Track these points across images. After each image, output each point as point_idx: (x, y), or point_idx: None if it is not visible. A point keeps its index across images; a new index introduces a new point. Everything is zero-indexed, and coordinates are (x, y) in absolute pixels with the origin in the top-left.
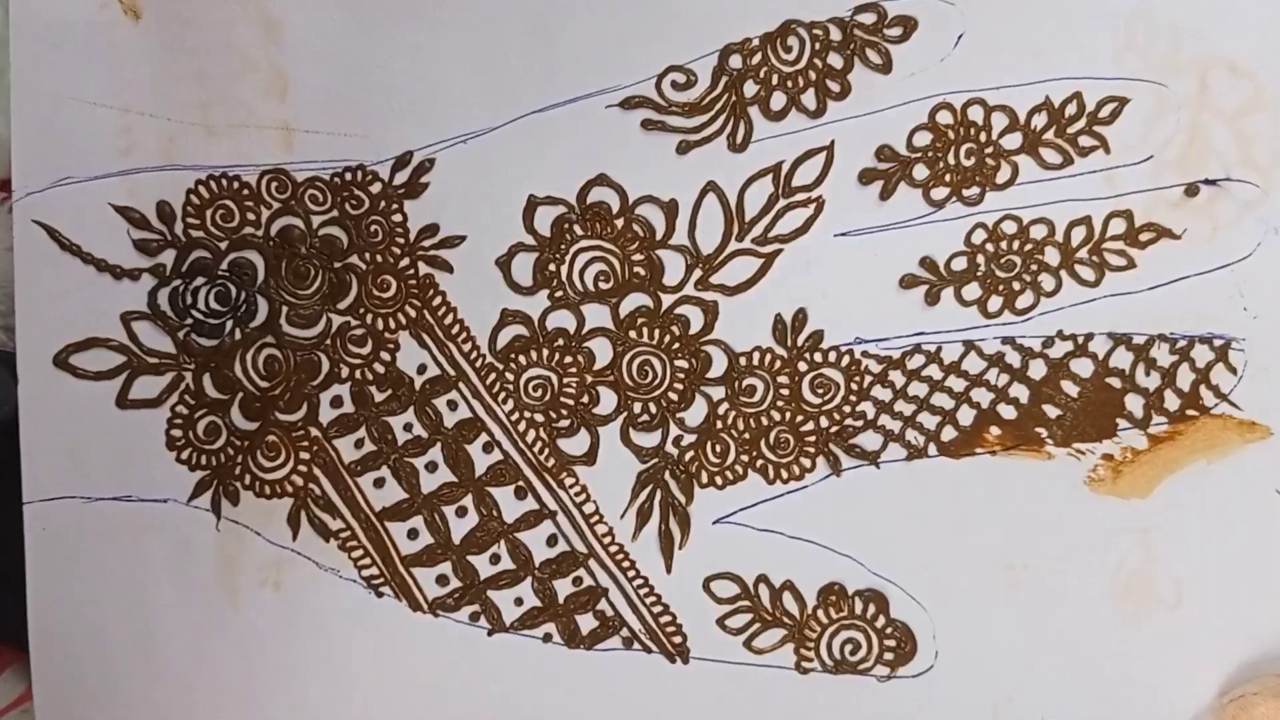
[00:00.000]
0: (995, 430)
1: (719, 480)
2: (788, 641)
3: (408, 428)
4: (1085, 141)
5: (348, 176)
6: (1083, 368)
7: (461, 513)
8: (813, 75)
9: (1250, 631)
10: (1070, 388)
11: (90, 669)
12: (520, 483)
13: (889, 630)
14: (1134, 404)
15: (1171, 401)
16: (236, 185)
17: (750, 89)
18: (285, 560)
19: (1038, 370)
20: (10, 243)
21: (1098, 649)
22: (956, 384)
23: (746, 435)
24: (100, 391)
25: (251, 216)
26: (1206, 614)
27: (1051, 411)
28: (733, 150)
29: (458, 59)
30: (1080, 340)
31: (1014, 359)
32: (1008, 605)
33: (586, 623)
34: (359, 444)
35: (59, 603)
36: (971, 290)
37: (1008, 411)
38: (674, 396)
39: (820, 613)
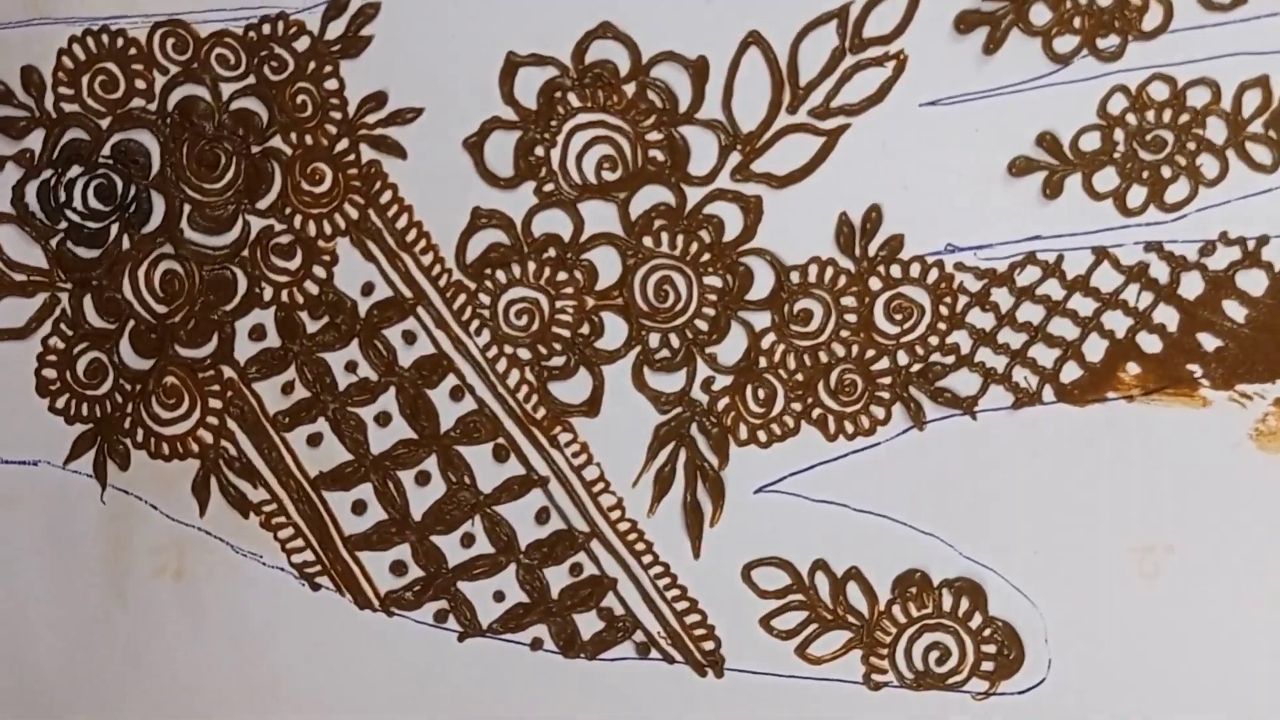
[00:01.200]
0: (1134, 368)
1: (762, 435)
2: (854, 647)
3: (350, 367)
4: None
5: (266, 29)
6: (1253, 283)
7: (423, 479)
8: None
9: None
10: (1235, 310)
11: None
12: (500, 440)
13: (987, 632)
14: None
15: None
16: (121, 43)
17: None
18: (190, 541)
19: (1192, 287)
20: None
21: (1266, 658)
22: (1084, 306)
23: (799, 376)
24: None
25: (141, 85)
26: None
27: (1209, 343)
28: None
29: None
30: (1251, 246)
31: (1161, 272)
32: (1143, 599)
33: (588, 624)
34: (287, 388)
35: None
36: (1105, 179)
37: (1151, 343)
38: (702, 325)
39: (896, 609)
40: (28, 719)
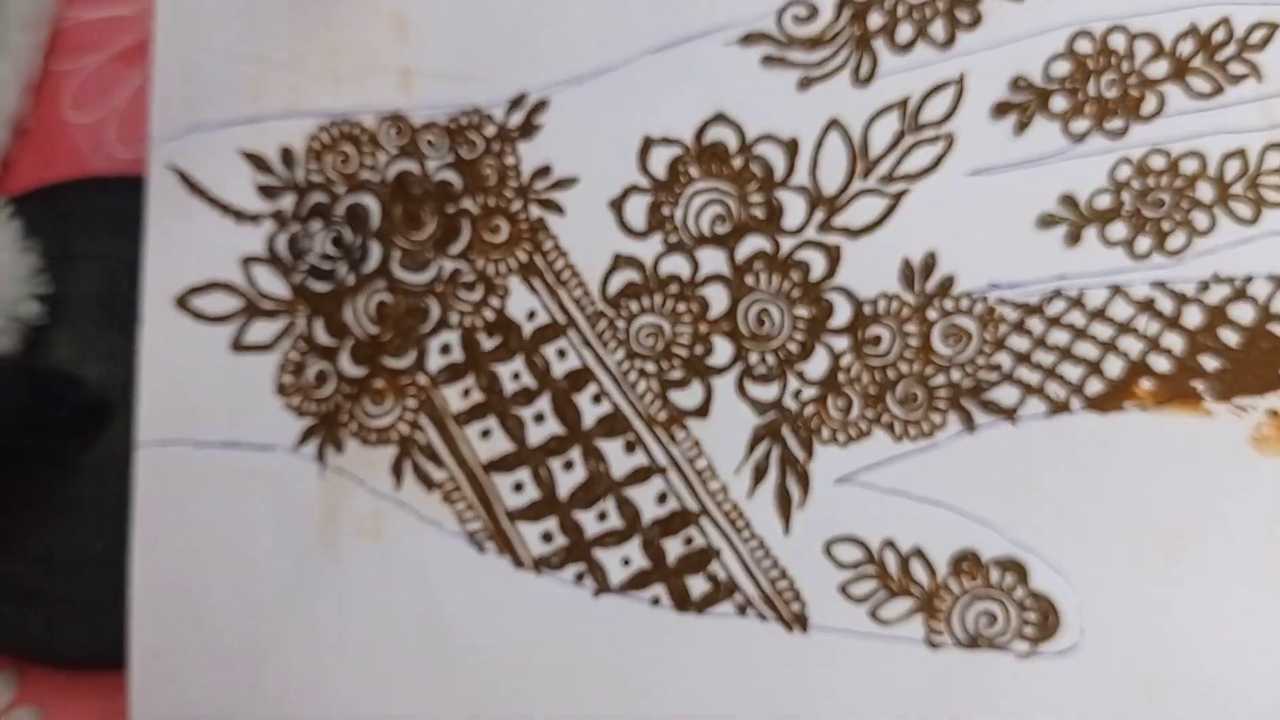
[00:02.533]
0: (1147, 383)
1: (840, 437)
2: (917, 612)
3: (516, 377)
4: (1236, 69)
5: (463, 120)
6: (1243, 314)
7: (569, 466)
8: (941, 4)
9: None
10: (1230, 336)
11: (188, 617)
12: (630, 436)
13: (1029, 602)
14: None
15: None
16: (356, 130)
17: (875, 20)
18: (386, 511)
19: (1193, 318)
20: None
21: (1267, 631)
22: (1102, 331)
23: (871, 389)
24: (216, 336)
25: (369, 161)
26: None
27: (1209, 363)
28: (857, 85)
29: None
30: (1239, 283)
31: (1166, 305)
32: (1164, 577)
33: (697, 585)
34: (466, 393)
35: (162, 550)
36: (1117, 230)
37: (1160, 363)
38: (793, 347)
39: (952, 582)
40: (254, 652)
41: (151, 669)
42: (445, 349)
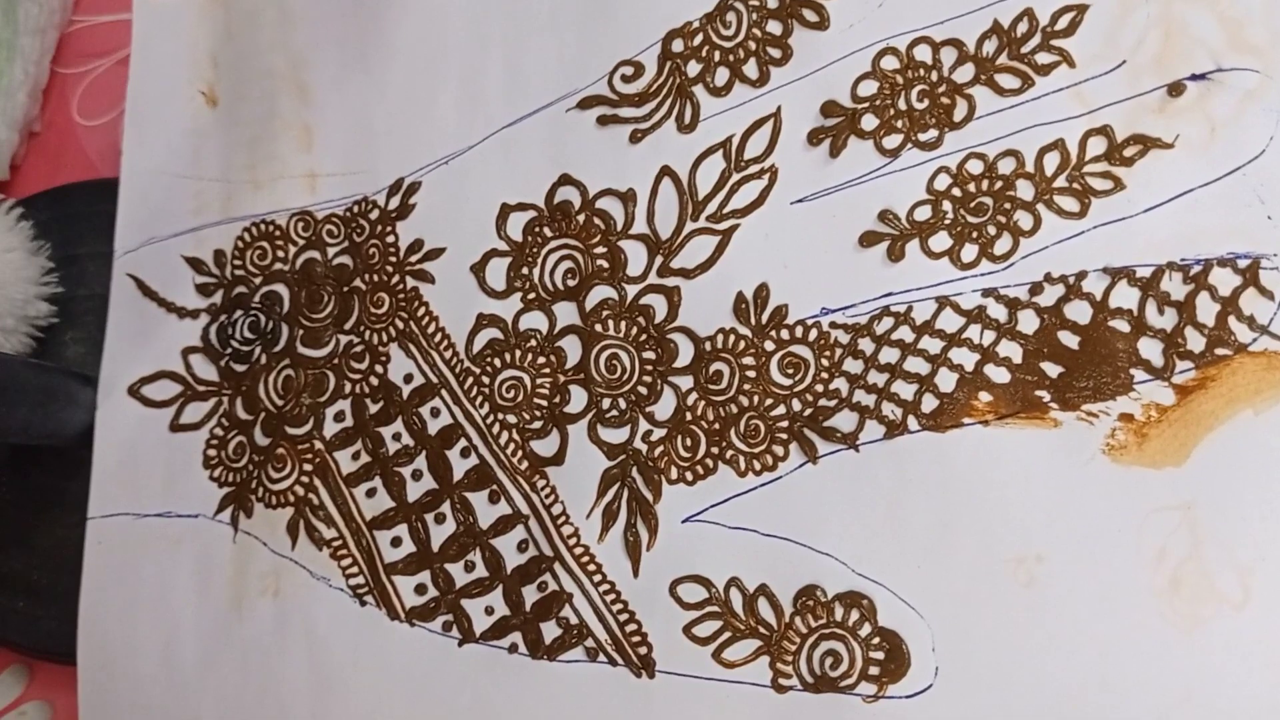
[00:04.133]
0: (986, 396)
1: (689, 475)
2: (763, 653)
3: (396, 437)
4: (1044, 58)
5: (355, 208)
6: (1080, 313)
7: (440, 519)
8: (753, 45)
9: None
10: (1069, 339)
11: (124, 676)
12: (494, 486)
13: (875, 640)
14: (1150, 349)
15: (1195, 341)
16: (271, 228)
17: (694, 69)
18: (284, 568)
19: (1029, 322)
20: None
21: (1143, 662)
22: (931, 345)
23: (716, 425)
24: (158, 418)
25: (281, 254)
26: None
27: (1051, 369)
28: (682, 131)
29: (441, 92)
30: (1072, 281)
31: (998, 312)
32: (1021, 607)
33: (550, 631)
34: (356, 455)
35: (105, 613)
36: (940, 240)
37: (998, 374)
38: (643, 390)
39: (799, 620)
40: (172, 703)
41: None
42: (339, 415)
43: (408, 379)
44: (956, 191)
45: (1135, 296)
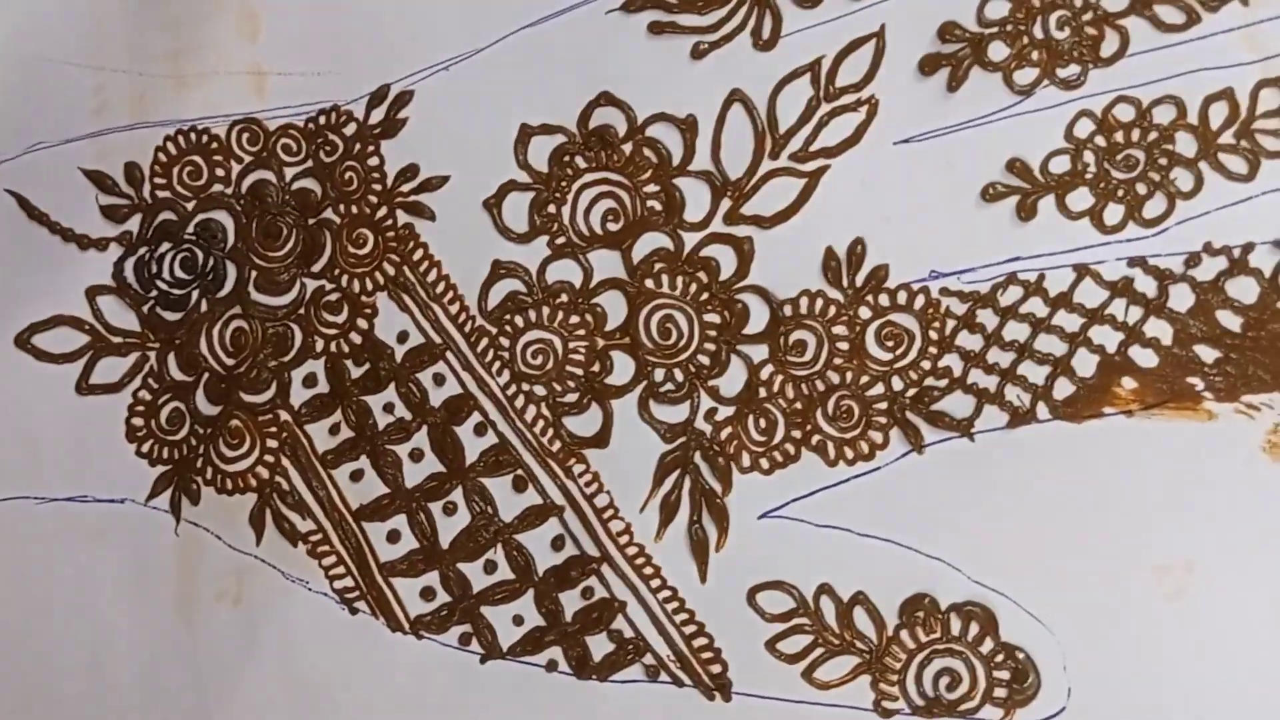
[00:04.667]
0: (1129, 383)
1: (764, 463)
2: (863, 672)
3: (388, 409)
4: None
5: (321, 120)
6: (1245, 291)
7: (450, 510)
8: None
9: None
10: (1230, 319)
11: (39, 693)
12: (519, 471)
13: (1000, 658)
14: None
15: None
16: (205, 139)
17: None
18: (247, 569)
19: (1182, 299)
20: None
21: None
22: (1069, 322)
23: (798, 405)
24: (61, 376)
25: (221, 173)
26: None
27: (1207, 354)
28: (759, 49)
29: None
30: (1237, 253)
31: (1147, 285)
32: (1165, 620)
33: (599, 646)
34: (334, 430)
35: (7, 614)
36: (1079, 198)
37: (1145, 357)
38: (704, 360)
39: (905, 635)
40: None
41: None
42: (309, 380)
43: (402, 338)
44: (1101, 141)
45: None
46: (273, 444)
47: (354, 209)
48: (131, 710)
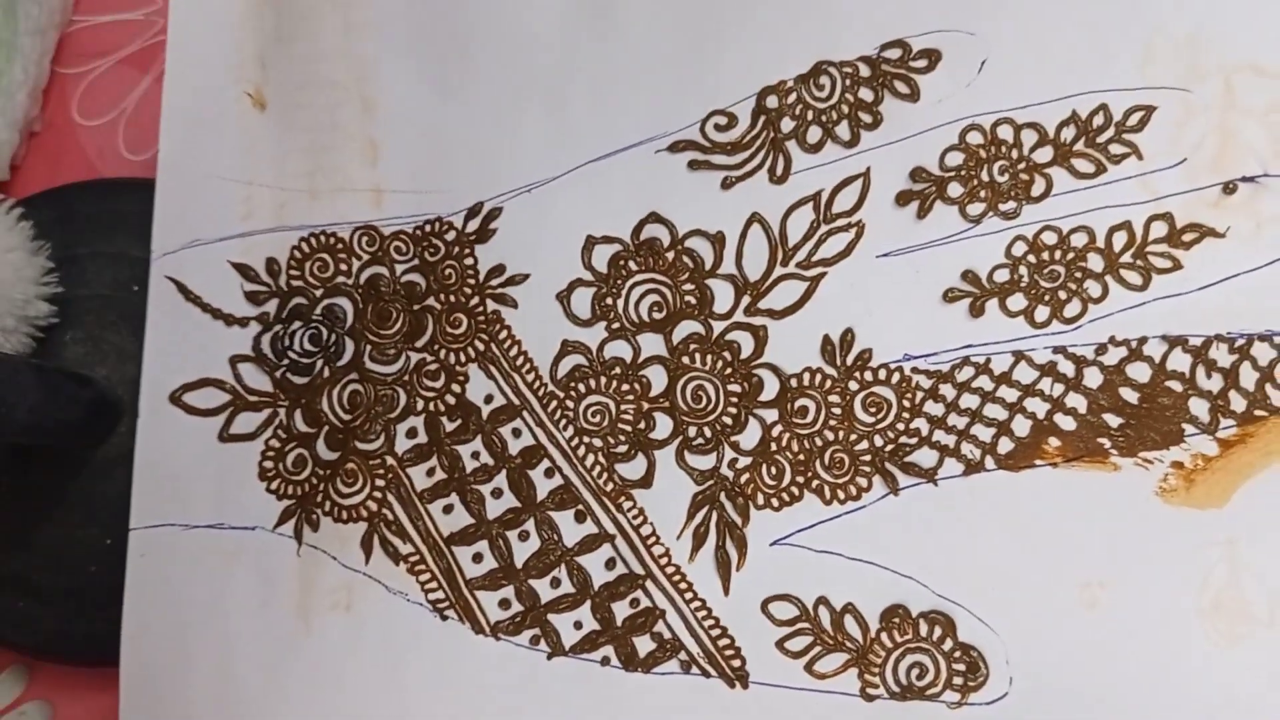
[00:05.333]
0: (1055, 441)
1: (775, 502)
2: (851, 666)
3: (475, 456)
4: (1116, 149)
5: (427, 228)
6: (1140, 373)
7: (524, 537)
8: (845, 109)
9: None
10: (1129, 394)
11: (175, 692)
12: (580, 506)
13: (958, 654)
14: (1198, 408)
15: (1238, 403)
16: (332, 240)
17: (787, 125)
18: (357, 583)
19: (1093, 378)
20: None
21: (1188, 672)
22: (1009, 394)
23: (801, 456)
24: (205, 427)
25: (344, 267)
26: None
27: (1113, 420)
28: (774, 182)
29: (524, 117)
30: (1134, 345)
31: (1067, 368)
32: (1086, 626)
33: (644, 645)
34: (430, 472)
35: (152, 628)
36: (1016, 301)
37: (1066, 422)
38: (728, 420)
39: (884, 636)
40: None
41: None
42: (411, 432)
43: (488, 399)
44: (1032, 258)
45: (1188, 361)
46: (380, 483)
47: (452, 298)
48: (256, 703)
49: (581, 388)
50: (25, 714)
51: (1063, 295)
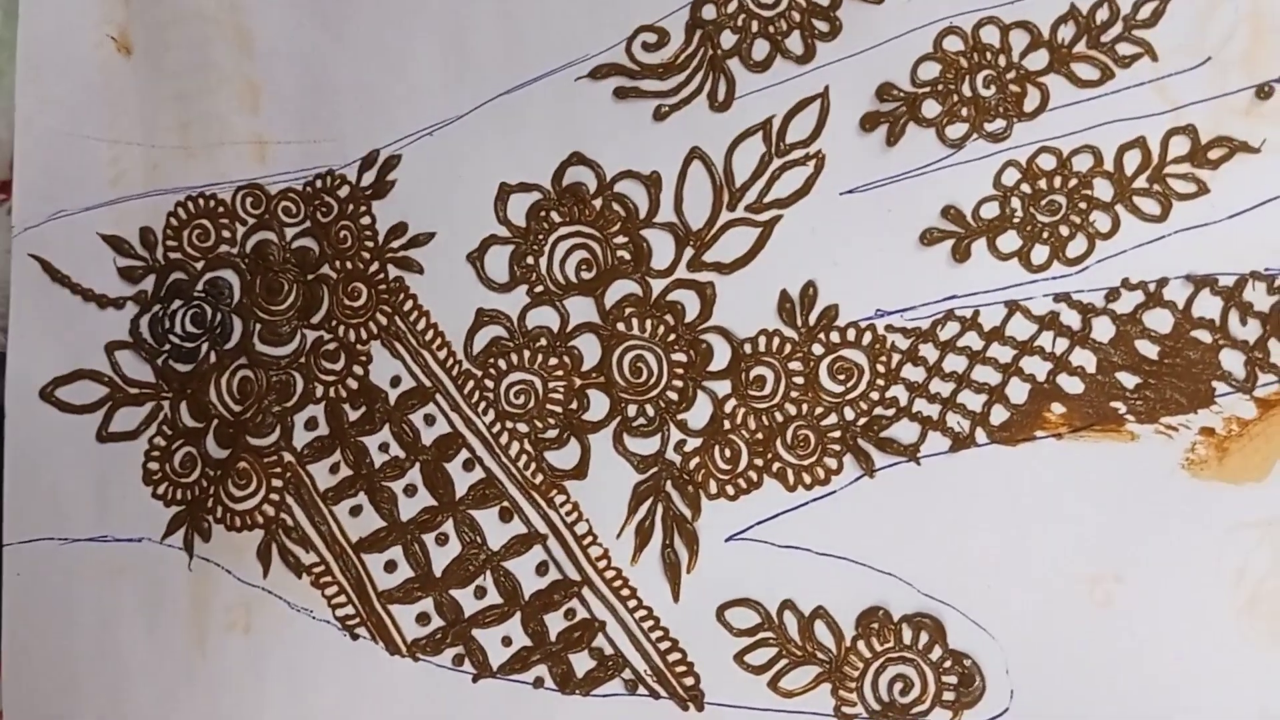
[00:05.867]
0: (1058, 408)
1: (730, 490)
2: (823, 681)
3: (383, 448)
4: (1125, 49)
5: (318, 184)
6: (1160, 321)
7: (442, 540)
8: (796, 16)
9: None
10: (1148, 348)
11: (60, 716)
12: (505, 503)
13: (948, 664)
14: (1232, 361)
15: None
16: (213, 204)
17: (728, 40)
18: (255, 599)
19: (1104, 330)
20: (8, 244)
21: (1222, 681)
22: (1002, 353)
23: (759, 435)
24: (82, 425)
25: (227, 234)
26: None
27: (1128, 380)
28: (715, 110)
29: (421, 50)
30: (1152, 288)
31: (1071, 319)
32: (1097, 627)
33: (582, 663)
34: (334, 469)
35: (32, 649)
36: (1008, 241)
37: (1072, 384)
38: (673, 395)
39: (861, 645)
40: None
41: None
42: (311, 423)
43: (395, 382)
44: (1027, 188)
45: (1218, 306)
46: (277, 483)
47: (349, 265)
48: None
49: (502, 364)
50: None
51: (1064, 231)
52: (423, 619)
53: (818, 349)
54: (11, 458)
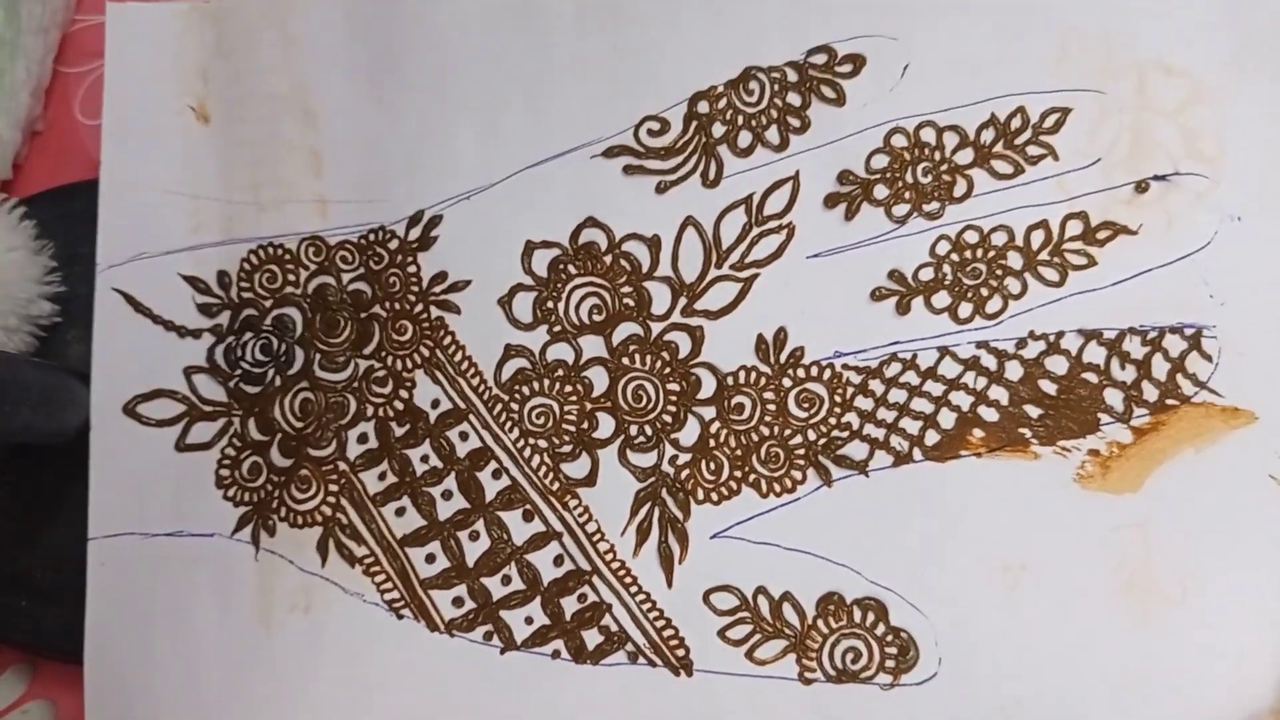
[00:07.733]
0: (978, 432)
1: (714, 496)
2: (790, 652)
3: (424, 459)
4: (1033, 151)
5: (371, 237)
6: (1058, 365)
7: (474, 537)
8: (774, 113)
9: (1261, 621)
10: (1048, 386)
11: (140, 695)
12: (528, 506)
13: (890, 638)
14: (1113, 398)
15: (1150, 393)
16: (280, 252)
17: (718, 130)
18: (314, 586)
19: (1014, 371)
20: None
21: (1105, 649)
22: (934, 388)
23: (739, 451)
24: (162, 437)
25: (292, 278)
26: (1214, 607)
27: (1033, 411)
28: (707, 186)
29: (461, 128)
30: (1052, 339)
31: (989, 362)
32: (1008, 607)
33: (592, 638)
34: (382, 476)
35: (114, 632)
36: (941, 298)
37: (989, 413)
38: (668, 418)
39: (820, 623)
40: None
41: None
42: (362, 438)
43: (434, 404)
44: (955, 257)
45: (1103, 354)
46: (334, 488)
47: (397, 305)
48: (220, 705)
49: (525, 390)
50: (28, 713)
51: (984, 292)
52: (458, 602)
53: (787, 382)
54: (97, 464)
